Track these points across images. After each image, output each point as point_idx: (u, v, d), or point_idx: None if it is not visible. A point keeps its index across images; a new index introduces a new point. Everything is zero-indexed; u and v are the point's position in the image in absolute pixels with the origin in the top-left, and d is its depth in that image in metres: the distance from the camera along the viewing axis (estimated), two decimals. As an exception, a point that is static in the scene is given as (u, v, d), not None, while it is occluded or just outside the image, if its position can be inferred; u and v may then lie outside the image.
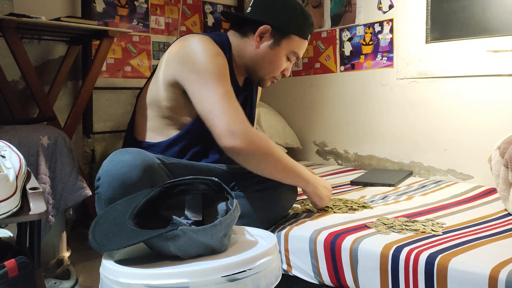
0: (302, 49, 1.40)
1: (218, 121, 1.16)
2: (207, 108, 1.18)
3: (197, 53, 1.22)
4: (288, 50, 1.36)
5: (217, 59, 1.23)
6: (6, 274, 0.79)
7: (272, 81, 1.43)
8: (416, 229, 1.22)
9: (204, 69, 1.20)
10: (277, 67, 1.38)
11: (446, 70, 2.07)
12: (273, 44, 1.34)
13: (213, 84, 1.19)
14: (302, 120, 2.76)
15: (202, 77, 1.20)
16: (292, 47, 1.36)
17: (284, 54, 1.36)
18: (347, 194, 1.74)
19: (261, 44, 1.35)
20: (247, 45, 1.36)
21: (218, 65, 1.22)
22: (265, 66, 1.37)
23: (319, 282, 1.23)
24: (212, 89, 1.18)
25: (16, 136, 1.48)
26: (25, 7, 2.01)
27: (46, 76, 2.14)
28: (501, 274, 0.92)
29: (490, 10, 1.91)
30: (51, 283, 1.47)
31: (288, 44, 1.35)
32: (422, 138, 2.19)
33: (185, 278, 0.74)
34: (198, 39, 1.25)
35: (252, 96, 1.50)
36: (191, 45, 1.24)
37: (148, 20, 2.46)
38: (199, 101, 1.20)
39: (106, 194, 1.06)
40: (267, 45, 1.34)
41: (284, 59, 1.38)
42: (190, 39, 1.26)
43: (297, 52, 1.38)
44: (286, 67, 1.41)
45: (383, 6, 2.30)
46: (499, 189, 1.43)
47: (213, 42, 1.27)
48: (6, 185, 0.84)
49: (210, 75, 1.20)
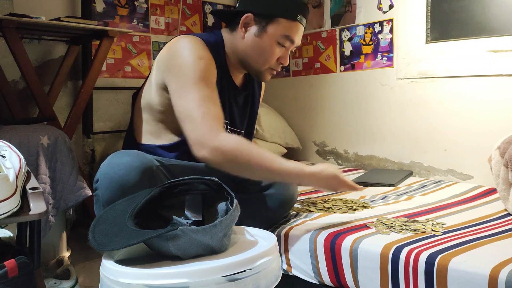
0: (295, 31, 1.28)
1: (188, 129, 1.14)
2: (181, 115, 1.16)
3: (180, 56, 1.20)
4: (277, 35, 1.27)
5: (199, 62, 1.19)
6: (6, 274, 0.79)
7: (271, 73, 1.35)
8: (416, 229, 1.21)
9: (183, 72, 1.18)
10: (269, 56, 1.29)
11: (446, 70, 2.07)
12: (259, 31, 1.28)
13: (189, 88, 1.16)
14: (302, 120, 2.76)
15: (180, 81, 1.17)
16: (280, 31, 1.26)
17: (273, 40, 1.27)
18: (347, 194, 1.74)
19: (247, 34, 1.29)
20: (236, 39, 1.31)
21: (198, 69, 1.18)
22: (256, 56, 1.30)
23: (319, 282, 1.23)
24: (188, 93, 1.16)
25: (16, 136, 1.48)
26: (25, 7, 2.01)
27: (46, 76, 2.14)
28: (501, 274, 0.92)
29: (490, 10, 1.91)
30: (51, 283, 1.47)
31: (276, 28, 1.26)
32: (422, 138, 2.19)
33: (185, 278, 0.74)
34: (184, 42, 1.22)
35: (254, 95, 1.47)
36: (176, 48, 1.22)
37: (148, 20, 2.46)
38: (175, 106, 1.18)
39: (104, 196, 1.06)
40: (253, 34, 1.28)
41: (275, 45, 1.28)
42: (177, 42, 1.24)
43: (288, 35, 1.27)
44: (282, 54, 1.31)
45: (383, 6, 2.29)
46: (499, 189, 1.43)
47: (200, 44, 1.23)
48: (6, 185, 0.84)
49: (188, 79, 1.17)
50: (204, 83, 1.18)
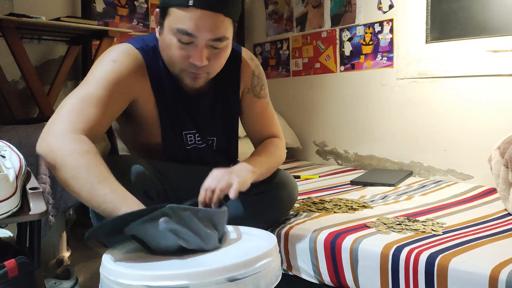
0: (188, 20, 1.02)
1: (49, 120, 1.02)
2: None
3: (98, 60, 1.13)
4: (171, 30, 1.05)
5: (109, 64, 1.09)
6: (6, 274, 0.79)
7: (191, 76, 1.12)
8: (416, 229, 1.22)
9: (89, 73, 1.11)
10: (172, 55, 1.08)
11: (446, 70, 2.07)
12: (160, 28, 1.11)
13: (83, 85, 1.06)
14: (302, 120, 2.76)
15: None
16: (173, 24, 1.05)
17: (171, 36, 1.06)
18: (347, 194, 1.74)
19: (156, 31, 1.14)
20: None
21: (102, 69, 1.08)
22: (164, 57, 1.13)
23: (319, 282, 1.23)
24: (77, 89, 1.06)
25: (16, 136, 1.48)
26: (25, 7, 2.01)
27: (46, 76, 2.14)
28: (501, 274, 0.92)
29: (490, 10, 1.91)
30: (51, 283, 1.47)
31: (169, 22, 1.06)
32: (422, 138, 2.19)
33: (185, 279, 0.73)
34: (110, 48, 1.16)
35: (225, 96, 1.28)
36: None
37: (148, 20, 2.46)
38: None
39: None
40: (159, 32, 1.12)
41: (175, 43, 1.06)
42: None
43: (181, 28, 1.03)
44: (193, 53, 1.06)
45: (383, 6, 2.29)
46: (499, 189, 1.43)
47: (123, 50, 1.13)
48: (6, 185, 0.84)
49: (89, 77, 1.08)
50: (100, 82, 1.06)
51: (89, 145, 0.95)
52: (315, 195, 1.72)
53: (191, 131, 1.25)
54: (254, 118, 1.34)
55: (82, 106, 1.01)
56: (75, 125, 0.97)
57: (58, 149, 0.93)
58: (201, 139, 1.27)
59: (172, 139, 1.23)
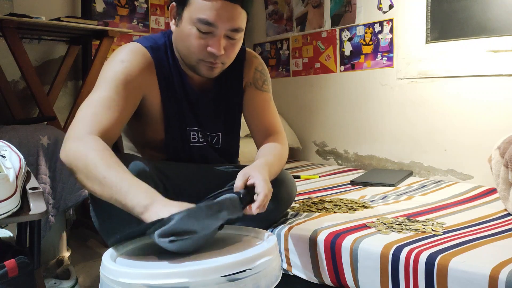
0: (209, 10, 1.06)
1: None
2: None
3: (106, 62, 1.16)
4: (192, 20, 1.08)
5: (118, 65, 1.12)
6: (6, 274, 0.79)
7: (207, 66, 1.15)
8: (416, 229, 1.22)
9: (100, 76, 1.13)
10: (191, 45, 1.11)
11: (446, 70, 2.07)
12: (178, 20, 1.13)
13: (96, 89, 1.09)
14: (302, 120, 2.76)
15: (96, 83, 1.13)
16: (193, 13, 1.08)
17: (190, 26, 1.10)
18: (347, 194, 1.74)
19: (173, 25, 1.17)
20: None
21: (113, 70, 1.11)
22: (181, 48, 1.16)
23: (319, 281, 1.23)
24: (91, 94, 1.09)
25: (16, 136, 1.49)
26: (25, 7, 2.01)
27: (46, 76, 2.14)
28: (501, 274, 0.92)
29: (490, 10, 1.91)
30: (51, 283, 1.47)
31: (189, 12, 1.09)
32: (422, 138, 2.19)
33: (185, 278, 0.73)
34: (118, 49, 1.18)
35: (230, 93, 1.31)
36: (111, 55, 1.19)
37: (148, 20, 2.46)
38: None
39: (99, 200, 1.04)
40: (176, 24, 1.15)
41: (194, 32, 1.09)
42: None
43: (202, 18, 1.07)
44: (211, 43, 1.10)
45: (383, 6, 2.30)
46: (499, 189, 1.43)
47: (132, 49, 1.16)
48: (6, 185, 0.85)
49: (98, 81, 1.11)
50: (114, 84, 1.09)
51: (103, 145, 0.97)
52: (315, 195, 1.72)
53: (194, 128, 1.27)
54: (255, 110, 1.33)
55: (95, 111, 1.04)
56: (90, 128, 1.00)
57: (75, 151, 0.95)
58: (203, 137, 1.29)
59: (176, 135, 1.25)
